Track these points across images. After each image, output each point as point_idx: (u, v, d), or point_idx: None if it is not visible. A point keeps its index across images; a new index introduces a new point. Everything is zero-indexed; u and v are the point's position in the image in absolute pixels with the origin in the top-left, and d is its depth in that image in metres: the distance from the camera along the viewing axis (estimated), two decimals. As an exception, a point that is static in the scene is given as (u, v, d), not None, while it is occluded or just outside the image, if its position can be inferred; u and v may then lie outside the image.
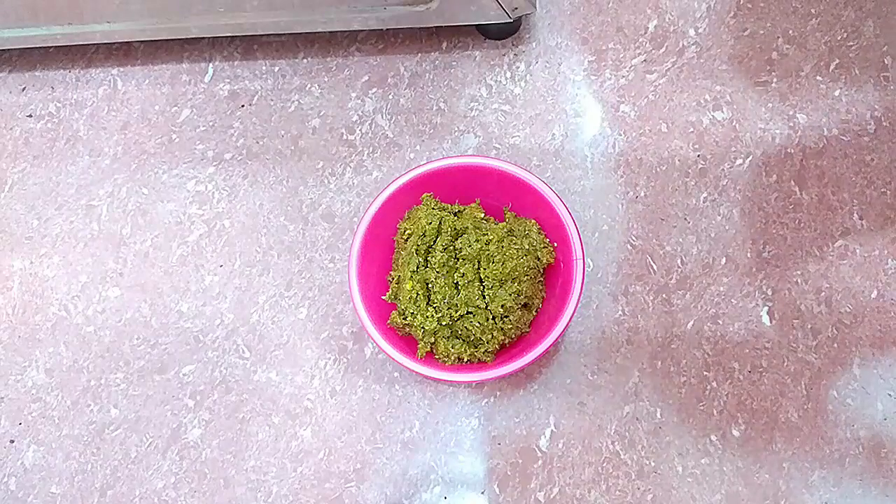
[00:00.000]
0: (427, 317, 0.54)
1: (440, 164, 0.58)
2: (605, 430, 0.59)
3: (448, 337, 0.55)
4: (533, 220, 0.58)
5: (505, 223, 0.58)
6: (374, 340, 0.55)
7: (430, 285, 0.55)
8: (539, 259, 0.56)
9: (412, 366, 0.54)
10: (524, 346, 0.55)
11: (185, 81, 0.72)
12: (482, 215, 0.58)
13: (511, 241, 0.56)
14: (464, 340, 0.55)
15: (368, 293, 0.56)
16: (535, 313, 0.57)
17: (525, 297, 0.55)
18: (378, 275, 0.58)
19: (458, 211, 0.59)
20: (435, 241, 0.56)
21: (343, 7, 0.62)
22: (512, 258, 0.55)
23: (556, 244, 0.57)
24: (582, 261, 0.55)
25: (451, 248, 0.56)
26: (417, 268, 0.55)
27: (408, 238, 0.57)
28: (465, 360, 0.55)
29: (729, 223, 0.63)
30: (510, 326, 0.55)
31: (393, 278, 0.58)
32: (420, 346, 0.55)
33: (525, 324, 0.56)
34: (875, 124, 0.65)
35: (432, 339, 0.55)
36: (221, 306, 0.64)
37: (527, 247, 0.56)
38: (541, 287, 0.58)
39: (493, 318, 0.54)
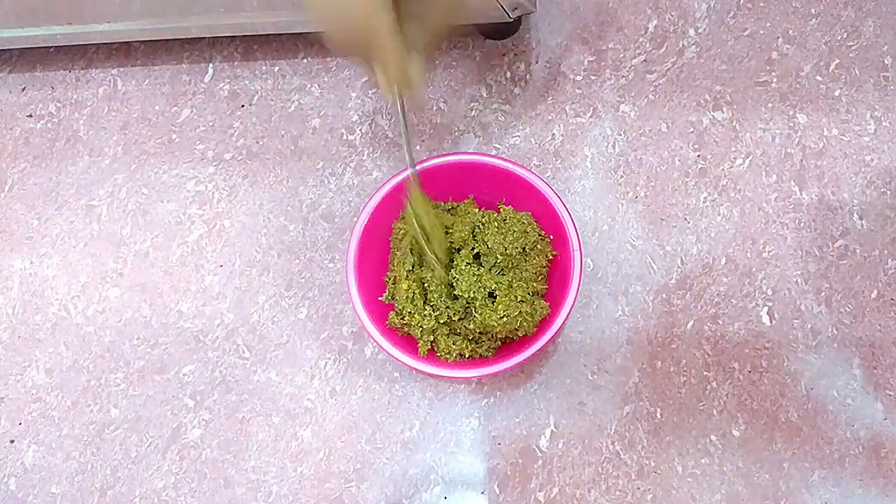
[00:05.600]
0: (424, 315, 0.54)
1: (433, 163, 0.58)
2: (605, 430, 0.59)
3: (448, 334, 0.55)
4: (528, 213, 0.58)
5: (499, 214, 0.58)
6: (376, 341, 0.54)
7: (426, 284, 0.55)
8: (537, 252, 0.56)
9: (414, 364, 0.54)
10: (525, 340, 0.55)
11: (185, 81, 0.72)
12: (476, 210, 0.58)
13: (508, 233, 0.56)
14: (464, 337, 0.55)
15: (368, 294, 0.56)
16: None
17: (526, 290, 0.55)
18: (377, 275, 0.58)
19: (452, 207, 0.59)
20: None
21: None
22: (510, 252, 0.55)
23: (551, 237, 0.57)
24: (579, 251, 0.55)
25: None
26: (413, 267, 0.55)
27: (402, 238, 0.57)
28: (467, 356, 0.55)
29: (729, 223, 0.63)
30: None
31: (389, 279, 0.58)
32: (420, 344, 0.55)
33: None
34: (875, 124, 0.65)
35: (431, 338, 0.55)
36: (221, 306, 0.64)
37: (524, 240, 0.56)
38: (541, 281, 0.58)
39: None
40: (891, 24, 0.68)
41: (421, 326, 0.54)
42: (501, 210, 0.58)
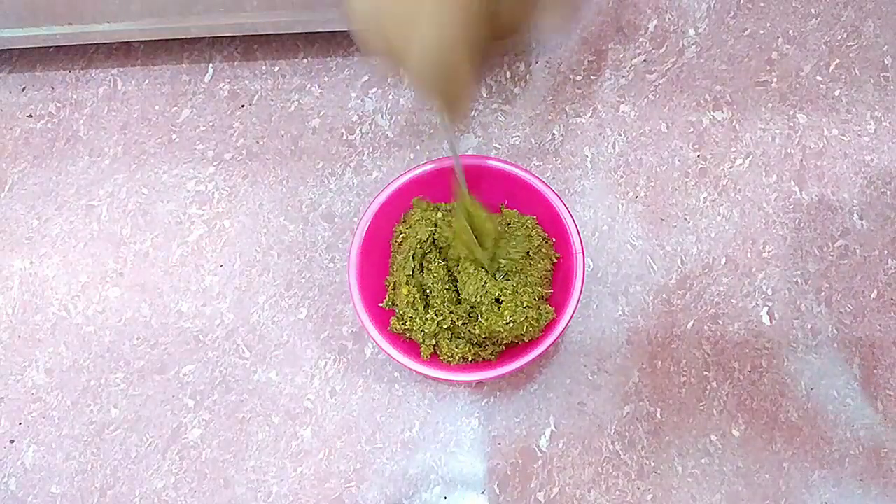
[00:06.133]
0: (426, 320, 0.54)
1: (436, 165, 0.58)
2: (605, 430, 0.59)
3: (450, 338, 0.55)
4: (533, 217, 0.57)
5: (502, 217, 0.58)
6: (379, 345, 0.54)
7: (426, 290, 0.55)
8: (541, 255, 0.56)
9: (418, 368, 0.54)
10: (528, 343, 0.55)
11: (185, 81, 0.72)
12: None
13: (512, 237, 0.55)
14: (467, 341, 0.55)
15: (370, 297, 0.56)
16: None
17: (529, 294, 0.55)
18: (378, 278, 0.58)
19: (453, 208, 0.59)
20: (430, 249, 0.56)
21: (343, 7, 0.62)
22: (514, 257, 0.55)
23: (554, 239, 0.57)
24: (581, 255, 0.55)
25: (447, 251, 0.56)
26: (413, 272, 0.55)
27: (401, 242, 0.57)
28: (470, 359, 0.55)
29: (729, 223, 0.63)
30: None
31: (389, 284, 0.58)
32: (423, 349, 0.55)
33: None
34: (875, 124, 0.65)
35: (433, 342, 0.55)
36: (221, 306, 0.64)
37: (528, 244, 0.56)
38: (546, 284, 0.58)
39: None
40: (891, 24, 0.68)
41: (422, 331, 0.54)
42: (505, 213, 0.58)
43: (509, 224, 0.57)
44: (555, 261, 0.57)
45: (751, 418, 0.58)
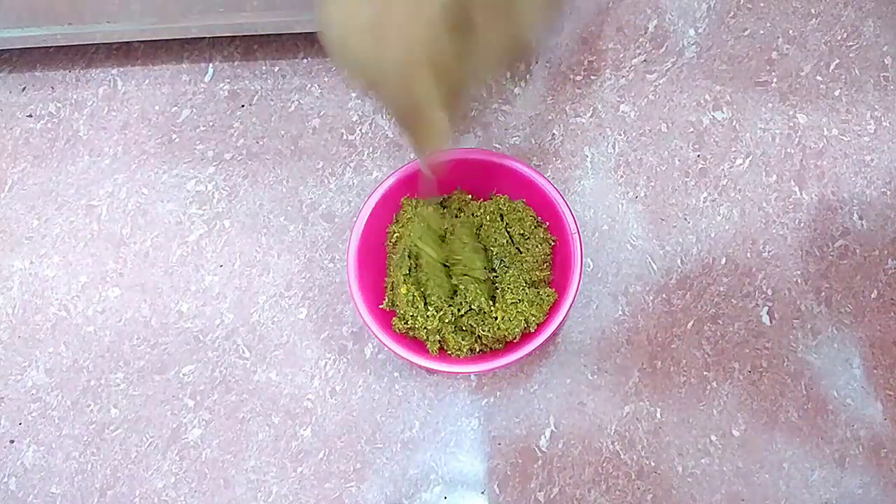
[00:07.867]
0: (427, 317, 0.54)
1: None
2: (605, 430, 0.59)
3: (455, 332, 0.55)
4: (521, 200, 0.58)
5: (492, 202, 0.58)
6: (388, 346, 0.54)
7: (423, 287, 0.55)
8: (536, 239, 0.56)
9: (428, 364, 0.54)
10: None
11: (185, 81, 0.72)
12: (469, 198, 0.58)
13: (499, 223, 0.56)
14: (471, 332, 0.55)
15: (372, 300, 0.56)
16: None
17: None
18: (378, 278, 0.58)
19: (443, 200, 0.59)
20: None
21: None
22: (501, 242, 0.55)
23: (548, 223, 0.57)
24: (578, 235, 0.55)
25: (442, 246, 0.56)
26: (409, 270, 0.55)
27: (395, 242, 0.57)
28: (478, 350, 0.55)
29: (729, 223, 0.63)
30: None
31: (388, 285, 0.58)
32: (429, 344, 0.55)
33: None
34: (875, 124, 0.65)
35: (438, 337, 0.55)
36: (221, 306, 0.64)
37: (520, 228, 0.56)
38: (546, 268, 0.58)
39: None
40: (891, 24, 0.68)
41: (425, 328, 0.54)
42: (494, 199, 0.58)
43: (499, 210, 0.57)
44: (552, 244, 0.57)
45: (751, 418, 0.58)
